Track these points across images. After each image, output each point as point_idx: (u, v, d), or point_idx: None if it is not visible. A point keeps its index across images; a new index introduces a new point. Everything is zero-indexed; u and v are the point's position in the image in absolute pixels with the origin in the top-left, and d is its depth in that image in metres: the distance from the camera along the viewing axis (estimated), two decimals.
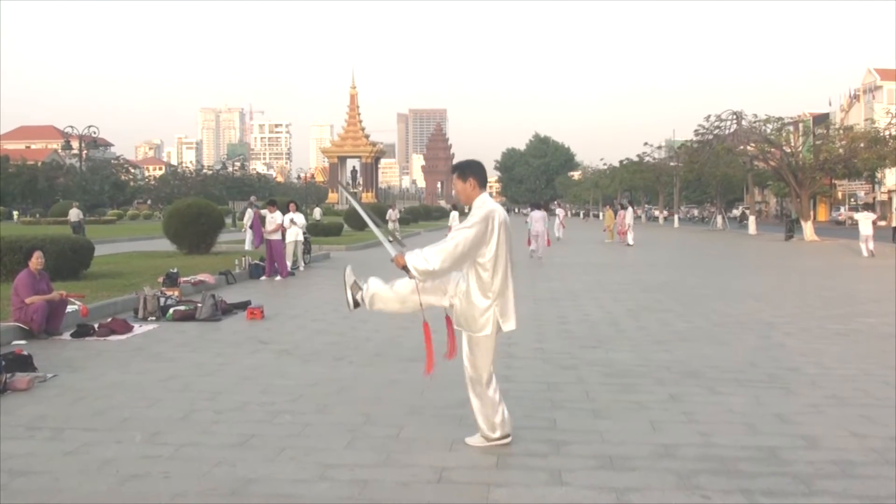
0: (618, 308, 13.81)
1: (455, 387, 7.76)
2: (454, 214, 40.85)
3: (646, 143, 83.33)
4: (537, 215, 28.49)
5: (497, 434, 5.84)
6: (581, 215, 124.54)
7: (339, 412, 6.89)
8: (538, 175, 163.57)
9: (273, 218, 20.13)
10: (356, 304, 6.06)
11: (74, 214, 41.84)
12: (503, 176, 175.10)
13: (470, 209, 5.79)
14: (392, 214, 42.28)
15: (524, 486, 5.04)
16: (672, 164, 75.18)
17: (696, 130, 52.73)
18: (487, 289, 5.68)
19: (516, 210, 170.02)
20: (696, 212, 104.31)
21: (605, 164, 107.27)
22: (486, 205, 5.69)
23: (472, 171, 5.83)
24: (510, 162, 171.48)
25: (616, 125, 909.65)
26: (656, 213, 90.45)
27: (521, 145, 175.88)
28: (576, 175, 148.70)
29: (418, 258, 5.49)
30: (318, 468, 5.39)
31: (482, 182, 5.84)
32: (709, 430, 6.27)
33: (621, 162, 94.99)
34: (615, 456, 5.62)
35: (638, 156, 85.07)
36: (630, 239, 35.96)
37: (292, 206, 22.97)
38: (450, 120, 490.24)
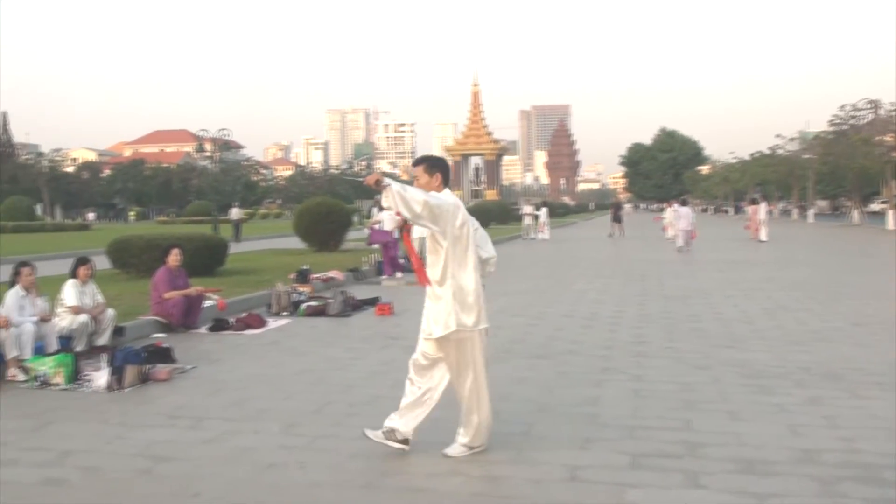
0: (752, 306, 13.40)
1: (585, 385, 7.72)
2: (545, 211, 40.66)
3: (778, 135, 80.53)
4: (684, 211, 29.84)
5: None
6: (710, 211, 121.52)
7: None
8: (665, 170, 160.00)
9: (390, 217, 20.29)
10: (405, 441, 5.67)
11: (235, 213, 43.86)
12: (629, 171, 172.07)
13: None
14: (528, 209, 42.27)
15: (659, 487, 4.94)
16: (806, 156, 72.55)
17: (830, 121, 50.84)
18: None
19: (642, 206, 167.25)
20: (826, 204, 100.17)
21: (734, 158, 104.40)
22: (453, 197, 5.62)
23: (439, 166, 5.72)
24: (636, 157, 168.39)
25: (746, 116, 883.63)
26: (789, 207, 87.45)
27: (647, 140, 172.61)
28: (704, 169, 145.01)
29: (401, 186, 5.28)
30: (450, 463, 5.42)
31: (446, 180, 5.74)
32: (851, 436, 6.00)
33: (752, 155, 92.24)
34: (754, 460, 5.45)
35: (770, 148, 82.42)
36: (763, 235, 34.85)
37: None
38: (573, 115, 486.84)
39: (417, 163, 5.77)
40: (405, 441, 5.59)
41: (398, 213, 5.29)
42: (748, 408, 6.83)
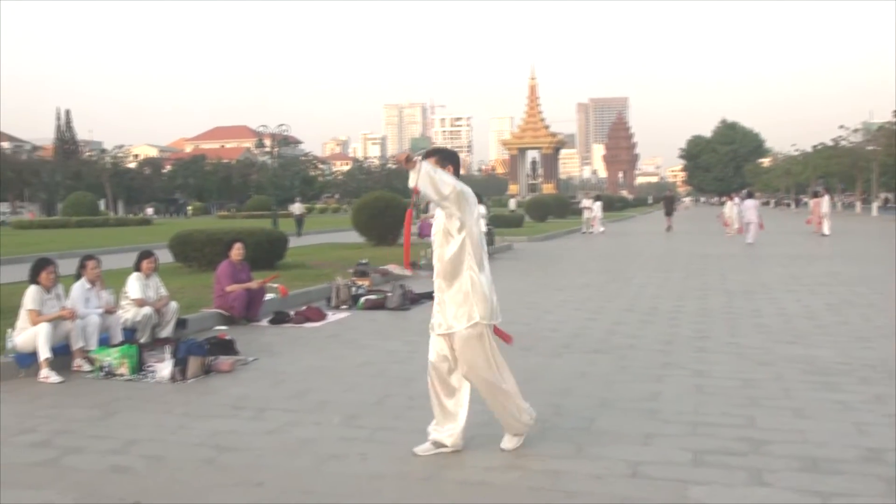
0: (815, 302, 13.14)
1: (645, 380, 7.64)
2: (598, 205, 40.30)
3: (841, 126, 78.86)
4: (750, 203, 30.93)
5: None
6: (772, 204, 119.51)
7: (528, 402, 6.86)
8: (726, 163, 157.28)
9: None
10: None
11: (297, 208, 44.36)
12: (688, 164, 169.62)
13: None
14: (587, 202, 41.95)
15: (722, 485, 4.86)
16: (869, 147, 70.87)
17: (895, 111, 49.46)
18: None
19: (702, 199, 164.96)
20: (891, 197, 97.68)
21: (796, 150, 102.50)
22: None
23: (451, 158, 5.63)
24: (696, 150, 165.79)
25: (809, 107, 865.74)
26: (853, 200, 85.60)
27: (707, 132, 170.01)
28: (765, 162, 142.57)
29: (432, 168, 5.23)
30: (508, 457, 5.41)
31: (457, 173, 5.59)
32: None
33: (814, 147, 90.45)
34: (818, 458, 5.34)
35: (833, 140, 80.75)
36: (826, 228, 34.19)
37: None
38: (631, 108, 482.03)
39: (429, 154, 5.60)
40: (456, 448, 5.52)
41: (416, 191, 5.20)
42: (812, 405, 6.69)
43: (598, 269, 20.11)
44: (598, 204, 40.69)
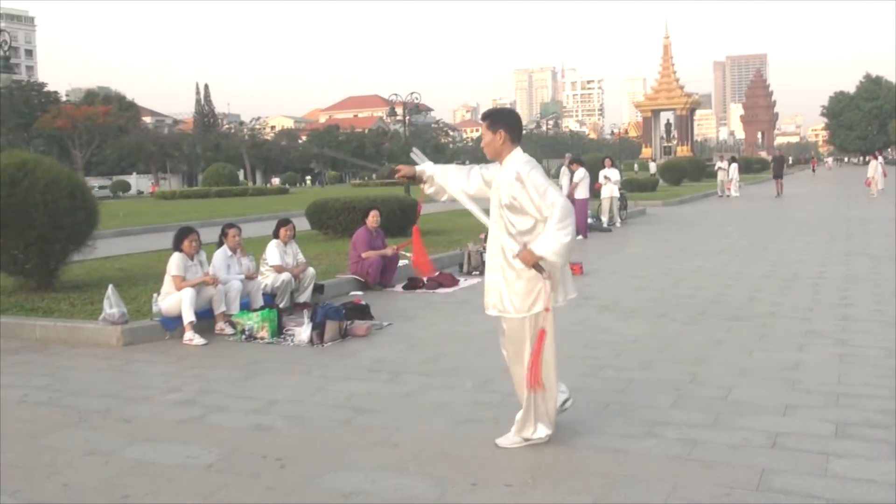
0: None
1: (786, 349, 7.41)
2: (734, 167, 38.38)
3: None
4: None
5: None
6: None
7: (664, 370, 6.78)
8: (870, 120, 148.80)
9: (577, 176, 20.03)
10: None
11: None
12: (831, 123, 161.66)
13: (502, 165, 4.99)
14: (722, 164, 40.21)
15: (866, 458, 4.66)
16: None
17: None
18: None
19: (845, 160, 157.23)
20: None
21: None
22: (531, 162, 4.90)
23: (503, 121, 4.99)
24: (838, 107, 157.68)
25: None
26: None
27: (850, 88, 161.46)
28: None
29: (552, 240, 4.69)
30: (644, 424, 5.35)
31: (514, 136, 4.97)
32: None
33: None
34: None
35: None
36: None
37: (607, 161, 22.91)
38: (770, 65, 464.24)
39: (483, 118, 5.14)
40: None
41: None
42: None
43: (735, 233, 19.54)
44: (734, 166, 39.31)
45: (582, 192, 19.54)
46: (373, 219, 11.91)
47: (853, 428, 5.19)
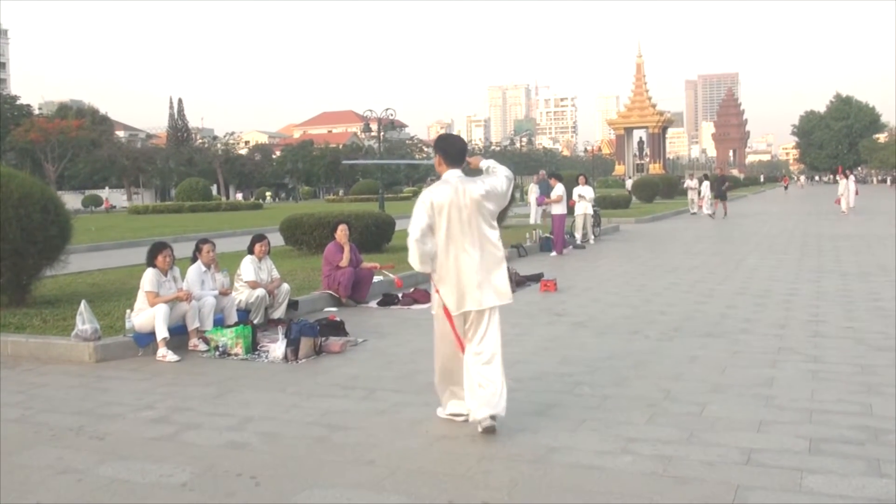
0: None
1: (759, 365, 7.46)
2: (706, 185, 38.62)
3: None
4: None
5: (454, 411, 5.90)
6: (888, 182, 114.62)
7: (638, 386, 6.81)
8: (840, 139, 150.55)
9: (556, 191, 20.06)
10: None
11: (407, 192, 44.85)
12: (801, 141, 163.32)
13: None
14: (691, 183, 40.78)
15: (839, 474, 4.70)
16: None
17: None
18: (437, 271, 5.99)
19: (816, 178, 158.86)
20: None
21: None
22: (436, 186, 5.73)
23: (438, 146, 5.89)
24: (809, 126, 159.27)
25: None
26: None
27: (820, 107, 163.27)
28: (882, 138, 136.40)
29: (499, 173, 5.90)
30: (619, 441, 5.36)
31: (447, 158, 5.77)
32: None
33: None
34: None
35: None
36: None
37: (581, 179, 23.02)
38: (741, 84, 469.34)
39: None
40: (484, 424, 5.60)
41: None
42: None
43: (708, 250, 19.70)
44: (706, 184, 39.57)
45: (559, 209, 19.49)
46: (341, 233, 11.85)
47: (827, 444, 5.23)
